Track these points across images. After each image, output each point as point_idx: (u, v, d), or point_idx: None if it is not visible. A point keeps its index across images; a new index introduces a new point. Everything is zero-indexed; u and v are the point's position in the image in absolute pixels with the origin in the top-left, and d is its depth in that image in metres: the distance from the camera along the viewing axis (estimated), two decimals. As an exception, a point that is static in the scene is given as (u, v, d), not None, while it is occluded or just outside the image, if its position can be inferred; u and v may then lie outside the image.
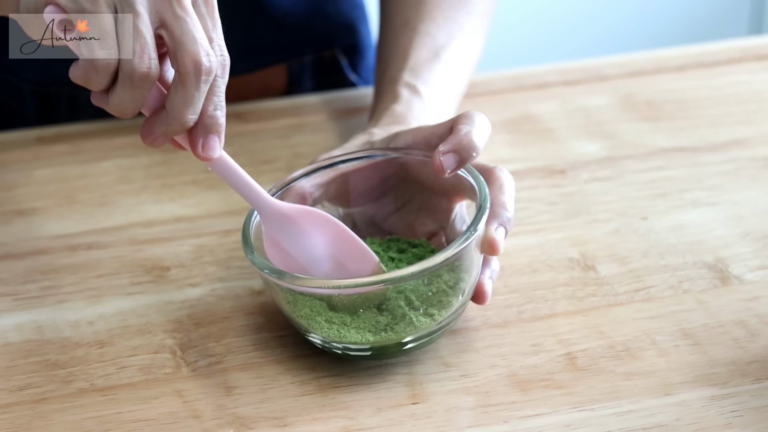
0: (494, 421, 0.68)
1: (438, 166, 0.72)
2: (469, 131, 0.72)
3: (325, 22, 1.09)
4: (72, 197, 0.91)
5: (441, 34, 0.93)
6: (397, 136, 0.78)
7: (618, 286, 0.78)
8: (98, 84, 0.64)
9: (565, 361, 0.72)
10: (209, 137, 0.68)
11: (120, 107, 0.65)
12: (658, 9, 2.34)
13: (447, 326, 0.71)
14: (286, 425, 0.68)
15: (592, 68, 1.08)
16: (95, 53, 0.63)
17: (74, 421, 0.69)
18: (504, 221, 0.72)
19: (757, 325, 0.74)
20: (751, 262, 0.80)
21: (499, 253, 0.71)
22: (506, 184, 0.74)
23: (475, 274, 0.71)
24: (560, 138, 0.97)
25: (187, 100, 0.65)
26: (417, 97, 0.87)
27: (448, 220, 0.76)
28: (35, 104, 1.07)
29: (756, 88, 1.04)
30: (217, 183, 0.92)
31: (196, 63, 0.64)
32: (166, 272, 0.82)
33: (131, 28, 0.63)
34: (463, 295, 0.71)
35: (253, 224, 0.73)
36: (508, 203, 0.73)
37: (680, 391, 0.69)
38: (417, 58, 0.91)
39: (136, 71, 0.63)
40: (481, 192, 0.72)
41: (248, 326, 0.76)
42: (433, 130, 0.76)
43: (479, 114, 0.74)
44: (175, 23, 0.64)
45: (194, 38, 0.64)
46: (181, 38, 0.64)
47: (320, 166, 0.77)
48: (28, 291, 0.81)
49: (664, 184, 0.90)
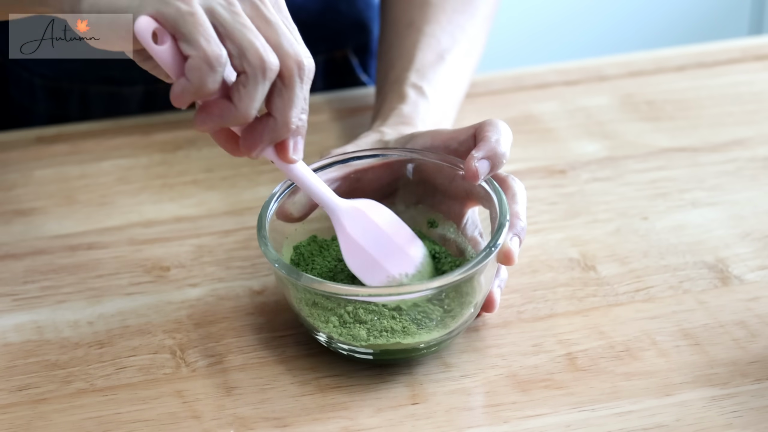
0: (494, 422, 0.68)
1: (474, 172, 0.72)
2: (498, 139, 0.73)
3: (338, 20, 1.09)
4: (71, 197, 0.91)
5: (445, 37, 0.93)
6: (413, 137, 0.78)
7: (618, 287, 0.78)
8: (212, 83, 0.63)
9: (566, 361, 0.72)
10: (298, 140, 0.68)
11: (251, 106, 0.64)
12: (658, 9, 2.34)
13: (456, 335, 0.72)
14: (286, 425, 0.68)
15: (592, 68, 1.07)
16: (204, 48, 0.62)
17: (74, 421, 0.69)
18: (518, 231, 0.72)
19: (757, 325, 0.74)
20: (751, 263, 0.80)
21: (513, 263, 0.71)
22: (519, 193, 0.74)
23: (489, 285, 0.72)
24: (560, 138, 0.97)
25: (292, 102, 0.65)
26: (423, 99, 0.87)
27: (460, 224, 0.76)
28: (46, 99, 1.08)
29: (756, 88, 1.04)
30: (217, 183, 0.92)
31: (299, 63, 0.65)
32: (166, 272, 0.82)
33: (239, 26, 0.63)
34: (476, 307, 0.71)
35: (268, 217, 0.73)
36: (522, 213, 0.73)
37: (680, 391, 0.69)
38: (423, 60, 0.91)
39: (266, 62, 0.63)
40: (501, 206, 0.72)
41: (248, 326, 0.76)
42: (453, 135, 0.76)
43: (502, 122, 0.75)
44: (269, 28, 0.64)
45: (290, 40, 0.65)
46: (279, 41, 0.64)
47: (334, 161, 0.77)
48: (28, 291, 0.80)
49: (664, 184, 0.90)
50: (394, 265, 0.72)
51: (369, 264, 0.72)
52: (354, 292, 0.69)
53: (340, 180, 0.77)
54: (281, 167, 0.69)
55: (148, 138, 0.99)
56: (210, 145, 0.97)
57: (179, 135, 0.99)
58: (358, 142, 0.81)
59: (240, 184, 0.92)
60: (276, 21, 0.65)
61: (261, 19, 0.64)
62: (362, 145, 0.80)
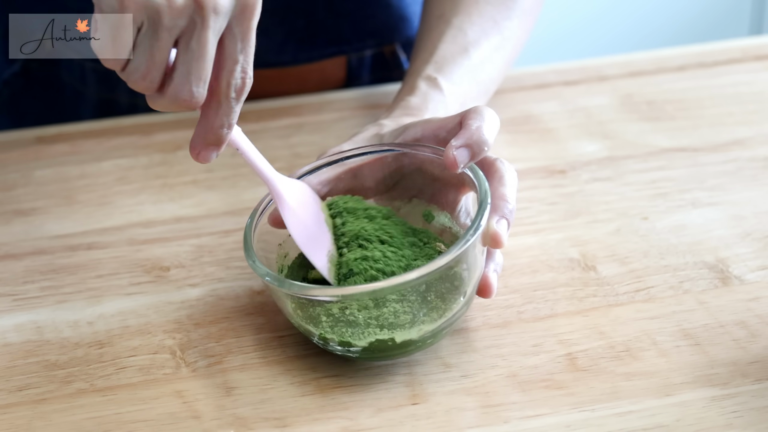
0: (494, 422, 0.68)
1: (451, 161, 0.72)
2: (480, 126, 0.72)
3: (386, 13, 1.08)
4: (71, 197, 0.91)
5: (473, 30, 0.92)
6: (406, 128, 0.78)
7: (618, 287, 0.78)
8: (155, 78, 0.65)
9: (566, 361, 0.72)
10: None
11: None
12: (658, 9, 2.34)
13: (450, 327, 0.71)
14: (286, 426, 0.68)
15: (592, 68, 1.08)
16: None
17: (74, 421, 0.69)
18: (505, 213, 0.71)
19: (757, 325, 0.74)
20: (751, 263, 0.80)
21: (503, 246, 0.70)
22: (507, 175, 0.74)
23: (479, 273, 0.71)
24: (560, 138, 0.97)
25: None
26: (436, 91, 0.87)
27: (454, 212, 0.76)
28: (96, 83, 1.08)
29: (756, 88, 1.04)
30: (216, 183, 0.92)
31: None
32: (166, 272, 0.82)
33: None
34: (465, 296, 0.71)
35: (254, 232, 0.73)
36: (509, 195, 0.72)
37: (681, 391, 0.69)
38: (444, 52, 0.90)
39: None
40: (481, 188, 0.71)
41: (248, 326, 0.76)
42: (441, 123, 0.76)
43: (488, 109, 0.74)
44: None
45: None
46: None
47: (326, 162, 0.77)
48: (28, 291, 0.81)
49: (664, 184, 0.90)
50: (325, 242, 0.74)
51: (312, 238, 0.73)
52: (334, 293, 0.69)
53: (334, 180, 0.77)
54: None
55: (148, 138, 0.99)
56: (210, 145, 0.97)
57: (179, 135, 0.99)
58: (355, 138, 0.81)
59: (240, 184, 0.92)
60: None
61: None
62: (359, 140, 0.80)
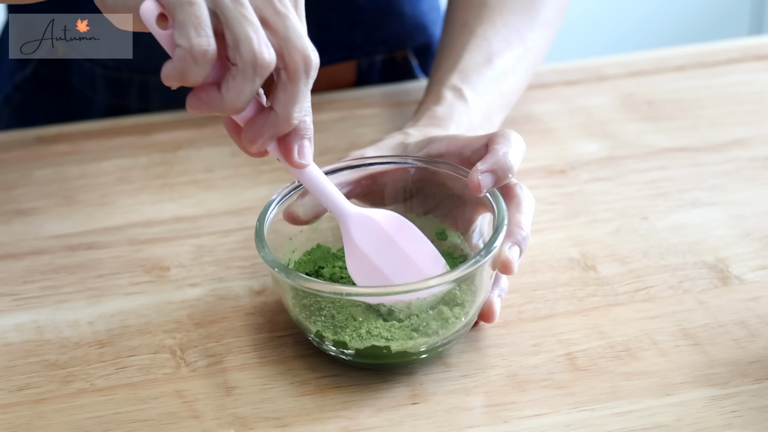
0: (494, 422, 0.68)
1: (475, 184, 0.71)
2: (507, 152, 0.72)
3: (400, 22, 1.08)
4: (72, 197, 0.91)
5: (497, 40, 0.92)
6: (431, 141, 0.78)
7: (618, 286, 0.78)
8: (195, 75, 0.62)
9: (565, 361, 0.72)
10: (304, 144, 0.67)
11: (238, 99, 0.63)
12: (658, 9, 2.34)
13: (447, 345, 0.71)
14: (285, 425, 0.68)
15: (592, 68, 1.08)
16: (192, 41, 0.61)
17: (74, 421, 0.69)
18: (519, 240, 0.71)
19: (757, 325, 0.74)
20: (751, 262, 0.80)
21: (513, 272, 0.70)
22: (524, 202, 0.73)
23: (484, 296, 0.71)
24: (560, 138, 0.97)
25: (295, 97, 0.64)
26: (461, 101, 0.87)
27: (468, 232, 0.76)
28: (106, 89, 1.08)
29: (756, 88, 1.04)
30: (216, 183, 0.92)
31: (305, 58, 0.63)
32: (166, 272, 0.82)
33: (239, 16, 0.62)
34: (467, 317, 0.71)
35: (267, 220, 0.72)
36: (525, 222, 0.72)
37: (680, 391, 0.69)
38: (468, 62, 0.90)
39: (258, 57, 0.62)
40: (500, 213, 0.71)
41: (248, 326, 0.76)
42: (467, 142, 0.76)
43: (514, 133, 0.74)
44: (278, 20, 0.63)
45: (300, 34, 0.63)
46: (287, 34, 0.63)
47: (349, 165, 0.77)
48: (28, 291, 0.80)
49: (664, 184, 0.90)
50: (404, 280, 0.71)
51: (373, 275, 0.71)
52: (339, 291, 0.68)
53: (354, 183, 0.77)
54: (290, 168, 0.68)
55: (148, 138, 0.99)
56: (210, 145, 0.97)
57: (179, 135, 0.99)
58: (380, 144, 0.80)
59: (240, 184, 0.92)
60: (286, 13, 0.63)
61: (271, 10, 0.63)
62: (384, 147, 0.80)
